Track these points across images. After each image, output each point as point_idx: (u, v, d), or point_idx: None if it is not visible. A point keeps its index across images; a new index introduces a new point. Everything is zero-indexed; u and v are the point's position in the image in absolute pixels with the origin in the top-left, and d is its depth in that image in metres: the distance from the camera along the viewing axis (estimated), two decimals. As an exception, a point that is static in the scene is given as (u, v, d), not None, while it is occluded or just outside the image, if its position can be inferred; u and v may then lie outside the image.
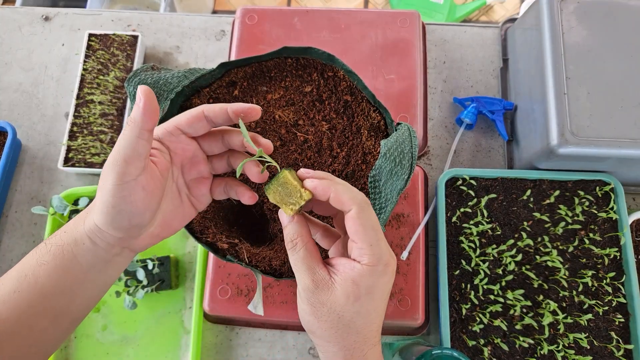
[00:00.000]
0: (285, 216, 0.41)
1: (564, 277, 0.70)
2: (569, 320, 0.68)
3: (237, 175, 0.43)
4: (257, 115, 0.42)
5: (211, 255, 0.74)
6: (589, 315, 0.68)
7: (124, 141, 0.37)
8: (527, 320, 0.68)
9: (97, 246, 0.41)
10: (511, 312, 0.69)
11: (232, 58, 0.85)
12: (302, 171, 0.41)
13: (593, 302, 0.69)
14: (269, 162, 0.42)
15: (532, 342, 0.67)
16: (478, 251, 0.72)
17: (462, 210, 0.74)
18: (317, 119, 0.57)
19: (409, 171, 0.49)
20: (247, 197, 0.45)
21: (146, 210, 0.40)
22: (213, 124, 0.43)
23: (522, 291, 0.69)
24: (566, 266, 0.71)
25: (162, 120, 0.54)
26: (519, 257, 0.71)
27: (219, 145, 0.44)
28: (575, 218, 0.73)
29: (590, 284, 0.70)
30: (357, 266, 0.38)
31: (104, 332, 0.76)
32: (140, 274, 0.73)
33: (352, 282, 0.38)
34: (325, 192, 0.39)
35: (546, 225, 0.73)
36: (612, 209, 0.73)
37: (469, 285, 0.70)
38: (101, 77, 0.85)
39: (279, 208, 0.43)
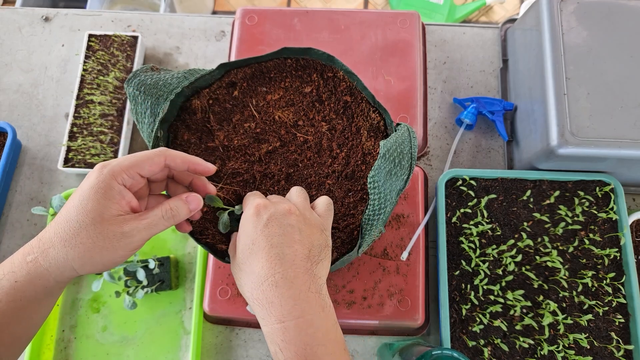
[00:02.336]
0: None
1: (564, 277, 0.70)
2: (569, 320, 0.68)
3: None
4: (211, 173, 0.49)
5: (211, 255, 0.74)
6: (589, 316, 0.68)
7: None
8: (527, 321, 0.68)
9: (59, 282, 0.43)
10: (511, 312, 0.69)
11: (232, 59, 0.85)
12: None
13: (593, 302, 0.69)
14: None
15: (532, 342, 0.67)
16: (478, 251, 0.72)
17: (462, 210, 0.74)
18: (317, 120, 0.57)
19: (408, 172, 0.49)
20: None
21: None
22: (170, 171, 0.49)
23: (522, 291, 0.69)
24: (566, 266, 0.71)
25: (163, 120, 0.54)
26: (519, 258, 0.71)
27: (164, 175, 0.50)
28: (575, 218, 0.73)
29: (590, 285, 0.70)
30: None
31: (104, 333, 0.76)
32: (141, 275, 0.73)
33: (237, 233, 0.48)
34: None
35: (546, 226, 0.73)
36: (612, 209, 0.73)
37: (469, 286, 0.70)
38: (101, 77, 0.85)
39: None
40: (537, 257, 0.71)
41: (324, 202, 0.52)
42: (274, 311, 0.42)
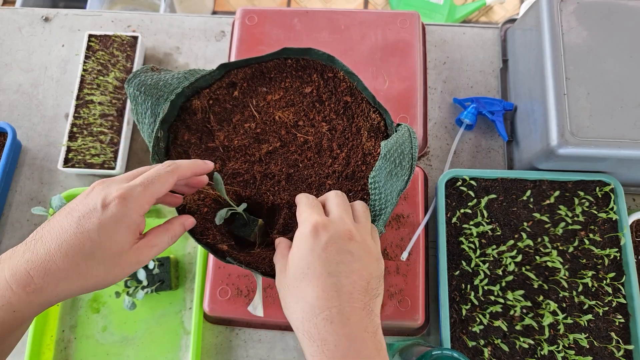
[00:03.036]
0: (276, 240, 0.50)
1: (564, 277, 0.70)
2: (569, 320, 0.68)
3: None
4: (210, 170, 0.49)
5: (211, 256, 0.74)
6: (589, 316, 0.68)
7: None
8: (527, 321, 0.68)
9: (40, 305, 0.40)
10: (511, 312, 0.69)
11: (232, 59, 0.85)
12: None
13: (593, 302, 0.69)
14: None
15: (532, 342, 0.67)
16: (478, 252, 0.72)
17: (462, 210, 0.74)
18: (317, 120, 0.57)
19: (409, 172, 0.49)
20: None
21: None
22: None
23: (522, 292, 0.69)
24: (566, 267, 0.71)
25: (163, 120, 0.54)
26: (519, 258, 0.71)
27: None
28: (575, 218, 0.73)
29: (590, 285, 0.70)
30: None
31: (104, 333, 0.76)
32: (141, 275, 0.73)
33: (291, 250, 0.43)
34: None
35: (546, 226, 0.73)
36: (612, 209, 0.73)
37: (469, 286, 0.70)
38: (101, 77, 0.85)
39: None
40: (537, 257, 0.71)
41: (374, 227, 0.48)
42: (327, 351, 0.38)
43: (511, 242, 0.72)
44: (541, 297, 0.69)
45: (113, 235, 0.39)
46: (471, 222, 0.73)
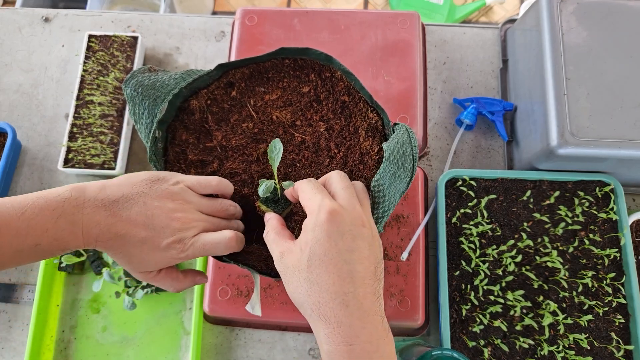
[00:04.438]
0: (266, 215, 0.51)
1: (564, 277, 0.70)
2: (569, 321, 0.68)
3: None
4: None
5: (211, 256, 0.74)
6: (589, 316, 0.68)
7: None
8: (527, 321, 0.68)
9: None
10: (511, 312, 0.69)
11: (232, 59, 0.85)
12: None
13: (593, 302, 0.69)
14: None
15: (532, 342, 0.67)
16: (478, 252, 0.72)
17: (462, 211, 0.74)
18: (315, 120, 0.57)
19: (410, 173, 0.49)
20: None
21: None
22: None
23: (522, 292, 0.69)
24: (566, 267, 0.70)
25: (161, 121, 0.54)
26: (519, 258, 0.71)
27: None
28: (575, 219, 0.73)
29: (590, 285, 0.70)
30: (304, 221, 0.44)
31: (104, 333, 0.76)
32: (140, 275, 0.73)
33: (303, 235, 0.44)
34: (292, 195, 0.50)
35: (546, 226, 0.73)
36: (612, 209, 0.73)
37: (469, 286, 0.70)
38: (101, 78, 0.85)
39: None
40: (537, 258, 0.71)
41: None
42: (342, 332, 0.40)
43: (511, 242, 0.72)
44: (541, 298, 0.69)
45: (150, 263, 0.47)
46: (471, 222, 0.73)
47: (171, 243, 0.45)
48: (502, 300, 0.69)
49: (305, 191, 0.46)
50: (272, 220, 0.49)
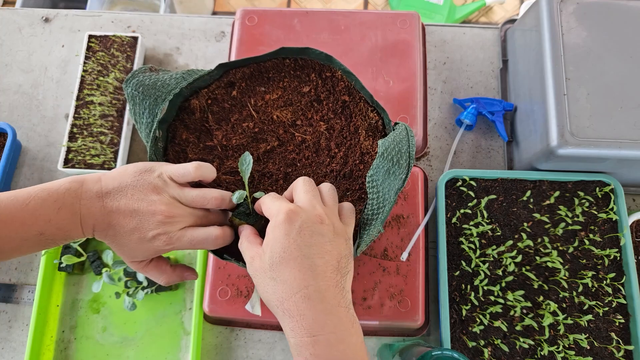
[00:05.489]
0: (240, 227, 0.52)
1: (564, 278, 0.70)
2: (569, 321, 0.68)
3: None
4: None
5: (211, 256, 0.74)
6: (589, 316, 0.68)
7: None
8: (527, 321, 0.68)
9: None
10: (511, 313, 0.69)
11: (232, 59, 0.85)
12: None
13: (593, 303, 0.69)
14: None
15: (532, 343, 0.67)
16: (478, 252, 0.72)
17: (462, 211, 0.74)
18: (315, 119, 0.57)
19: (406, 171, 0.49)
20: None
21: None
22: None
23: (522, 292, 0.69)
24: (566, 267, 0.70)
25: (161, 120, 0.54)
26: (519, 258, 0.71)
27: None
28: (575, 219, 0.73)
29: (590, 285, 0.70)
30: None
31: (104, 334, 0.76)
32: (141, 275, 0.73)
33: (265, 238, 0.46)
34: (258, 208, 0.51)
35: (546, 226, 0.73)
36: (612, 209, 0.73)
37: (469, 286, 0.70)
38: (101, 78, 0.85)
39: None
40: (537, 258, 0.71)
41: (348, 208, 0.51)
42: (305, 324, 0.42)
43: (511, 242, 0.72)
44: (541, 298, 0.69)
45: (139, 252, 0.48)
46: (471, 223, 0.73)
47: (156, 235, 0.46)
48: (502, 301, 0.69)
49: (265, 202, 0.48)
50: (245, 230, 0.50)
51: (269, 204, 0.48)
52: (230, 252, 0.53)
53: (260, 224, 0.53)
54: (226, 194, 0.51)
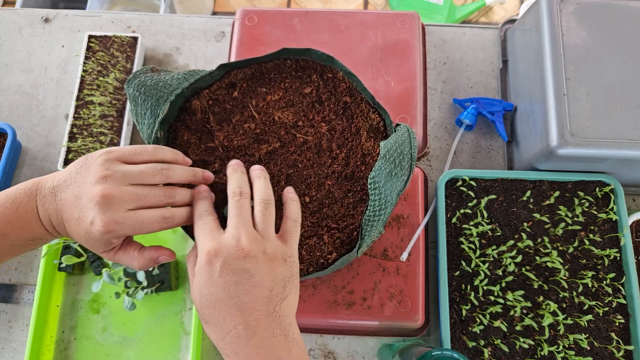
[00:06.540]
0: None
1: (564, 278, 0.70)
2: (569, 321, 0.68)
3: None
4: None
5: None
6: (589, 316, 0.68)
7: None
8: (527, 321, 0.68)
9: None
10: (511, 313, 0.69)
11: (232, 59, 0.85)
12: None
13: (593, 303, 0.69)
14: None
15: (532, 343, 0.67)
16: (478, 252, 0.72)
17: (462, 211, 0.74)
18: (317, 120, 0.57)
19: (408, 172, 0.49)
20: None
21: None
22: None
23: (522, 292, 0.69)
24: (566, 267, 0.71)
25: (163, 121, 0.54)
26: (519, 258, 0.71)
27: None
28: (575, 219, 0.73)
29: (590, 285, 0.70)
30: None
31: (103, 334, 0.76)
32: (140, 275, 0.73)
33: (194, 280, 0.45)
34: None
35: (546, 226, 0.73)
36: (612, 209, 0.73)
37: (469, 286, 0.70)
38: (101, 78, 0.85)
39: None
40: (537, 258, 0.71)
41: (291, 221, 0.50)
42: None
43: (511, 242, 0.72)
44: (541, 298, 0.69)
45: (93, 243, 0.45)
46: (471, 223, 0.73)
47: (93, 220, 0.43)
48: (502, 301, 0.69)
49: (197, 235, 0.47)
50: (191, 255, 0.49)
51: (198, 238, 0.46)
52: None
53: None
54: (184, 171, 0.49)
